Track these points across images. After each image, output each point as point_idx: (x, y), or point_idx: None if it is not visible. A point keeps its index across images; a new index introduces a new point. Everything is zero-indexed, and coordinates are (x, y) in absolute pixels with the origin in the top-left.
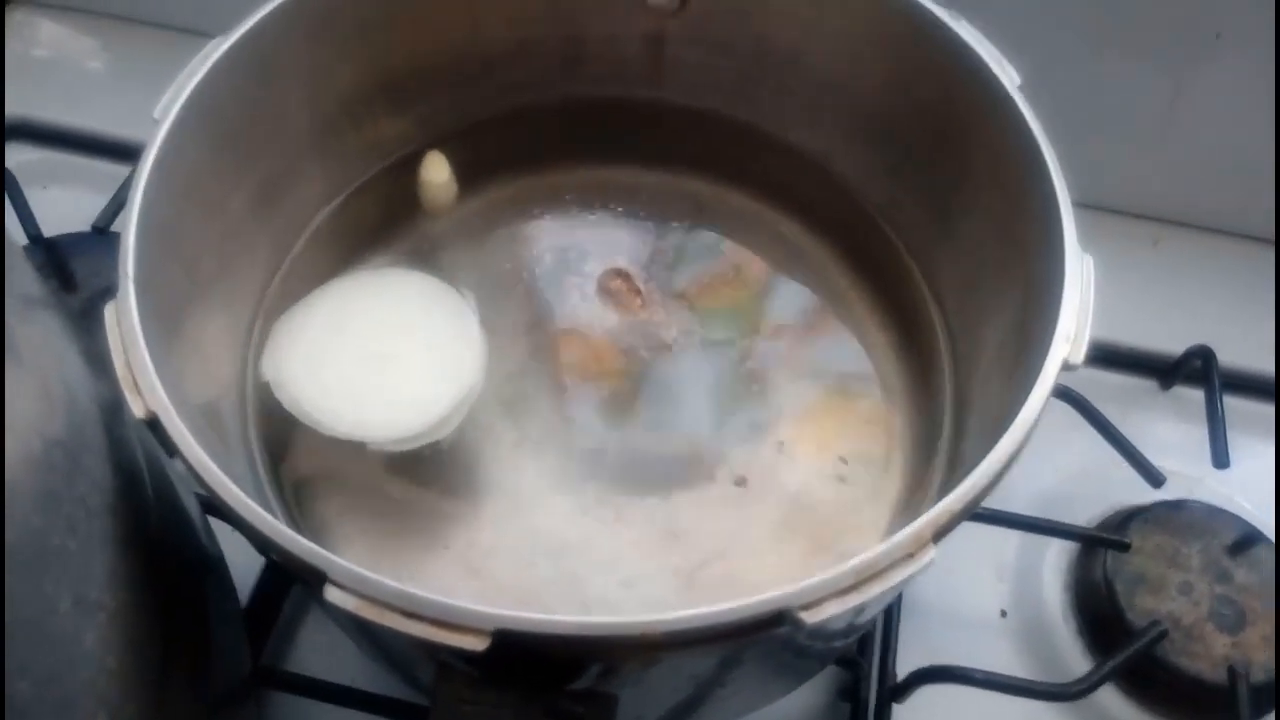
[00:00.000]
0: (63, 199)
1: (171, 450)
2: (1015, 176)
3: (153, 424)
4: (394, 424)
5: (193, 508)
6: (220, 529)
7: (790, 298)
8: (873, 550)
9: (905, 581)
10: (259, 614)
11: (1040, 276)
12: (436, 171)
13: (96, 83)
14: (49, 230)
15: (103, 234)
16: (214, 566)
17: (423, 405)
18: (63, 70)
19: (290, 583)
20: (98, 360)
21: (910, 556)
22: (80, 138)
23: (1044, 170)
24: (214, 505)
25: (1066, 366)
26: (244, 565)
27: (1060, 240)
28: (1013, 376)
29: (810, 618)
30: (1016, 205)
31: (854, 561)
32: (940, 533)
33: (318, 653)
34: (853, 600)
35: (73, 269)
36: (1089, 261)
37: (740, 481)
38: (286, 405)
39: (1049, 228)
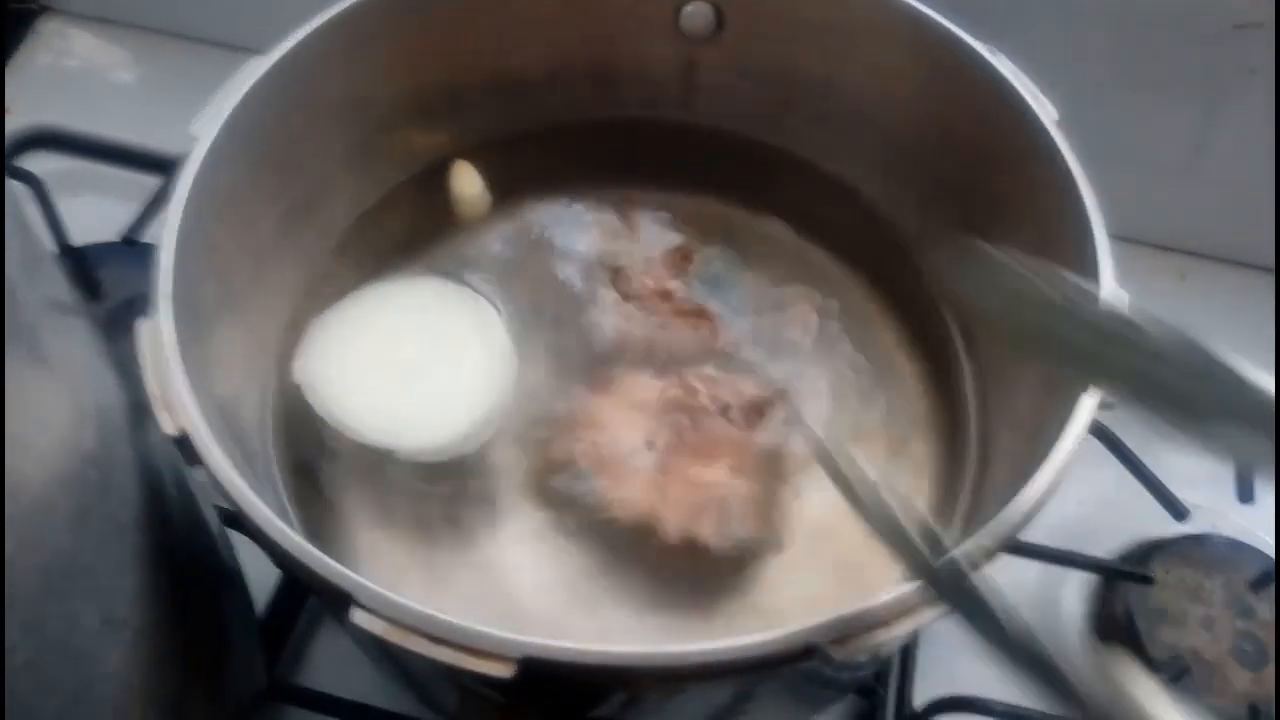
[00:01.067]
0: (91, 208)
1: (197, 465)
2: (1050, 212)
3: (182, 441)
4: (423, 434)
5: (212, 519)
6: (238, 540)
7: (818, 326)
8: (905, 586)
9: (937, 619)
10: (274, 626)
11: None
12: (468, 183)
13: (127, 94)
14: (78, 239)
15: (131, 245)
16: (232, 579)
17: (453, 417)
18: (94, 81)
19: (306, 595)
20: (123, 370)
21: None
22: (110, 148)
23: (1080, 207)
24: (236, 519)
25: (1103, 405)
26: (259, 576)
27: (1095, 277)
28: (1043, 413)
29: (839, 653)
30: (1050, 240)
31: (887, 597)
32: (973, 568)
33: (332, 667)
34: (883, 636)
35: (99, 278)
36: (1124, 298)
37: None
38: (317, 409)
39: (1084, 264)
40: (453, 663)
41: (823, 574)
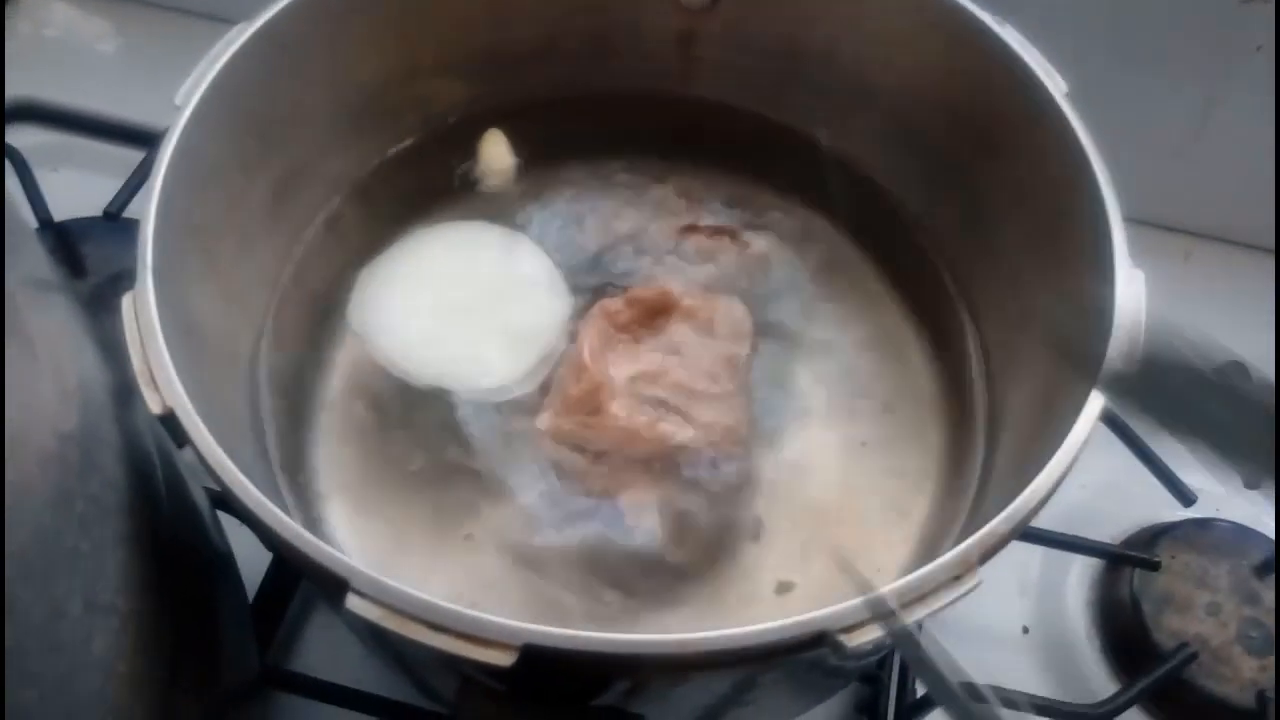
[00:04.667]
0: (73, 182)
1: (185, 445)
2: (1060, 187)
3: (168, 420)
4: (479, 374)
5: (202, 502)
6: (229, 524)
7: (820, 303)
8: (917, 573)
9: (950, 605)
10: (266, 611)
11: (1086, 291)
12: (498, 149)
13: (108, 66)
14: (59, 214)
15: (114, 220)
16: (223, 563)
17: (508, 357)
18: (74, 52)
19: (298, 579)
20: (109, 348)
21: (956, 579)
22: (91, 121)
23: (1092, 181)
24: (226, 501)
25: None
26: (250, 560)
27: (1110, 254)
28: (1054, 393)
29: (851, 641)
30: (1059, 217)
31: (899, 584)
32: (986, 555)
33: (326, 652)
34: (894, 624)
35: (83, 254)
36: (1140, 277)
37: (769, 488)
38: (375, 355)
39: (1096, 241)
40: (452, 651)
41: (829, 558)
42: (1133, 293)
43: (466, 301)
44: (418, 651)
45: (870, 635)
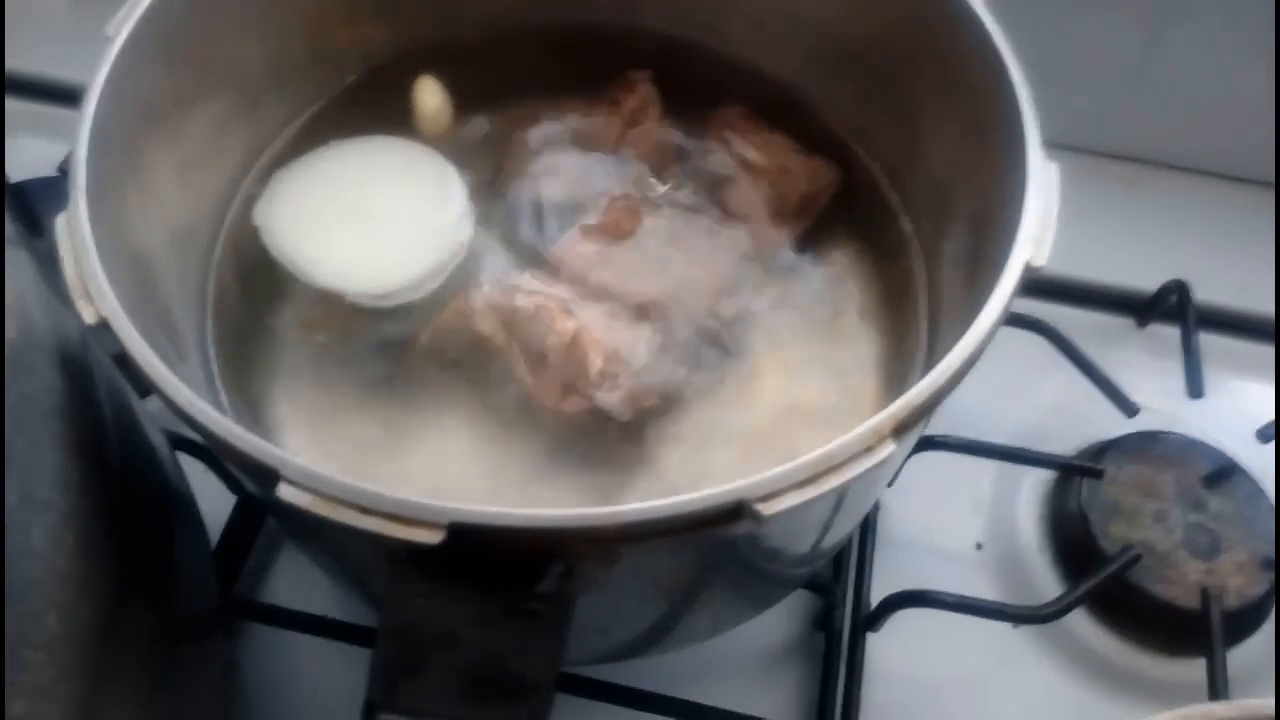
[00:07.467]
0: (31, 146)
1: (123, 359)
2: (980, 87)
3: (104, 330)
4: (374, 278)
5: (161, 446)
6: (192, 471)
7: (766, 226)
8: (831, 444)
9: (863, 476)
10: (229, 554)
11: (1006, 184)
12: (432, 92)
13: (66, 28)
14: (17, 176)
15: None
16: (182, 504)
17: (404, 263)
18: (32, 15)
19: (261, 522)
20: (60, 299)
21: (869, 450)
22: (49, 85)
23: (1006, 77)
24: (181, 439)
25: (1029, 269)
26: (216, 505)
27: (1023, 145)
28: (979, 283)
29: (768, 509)
30: (982, 116)
31: (812, 455)
32: (900, 428)
33: (287, 592)
34: (811, 492)
35: (40, 213)
36: (1053, 167)
37: (713, 401)
38: (272, 251)
39: (1013, 135)
40: (380, 531)
41: (774, 459)
42: (1045, 181)
43: (369, 210)
44: (353, 543)
45: (787, 503)
